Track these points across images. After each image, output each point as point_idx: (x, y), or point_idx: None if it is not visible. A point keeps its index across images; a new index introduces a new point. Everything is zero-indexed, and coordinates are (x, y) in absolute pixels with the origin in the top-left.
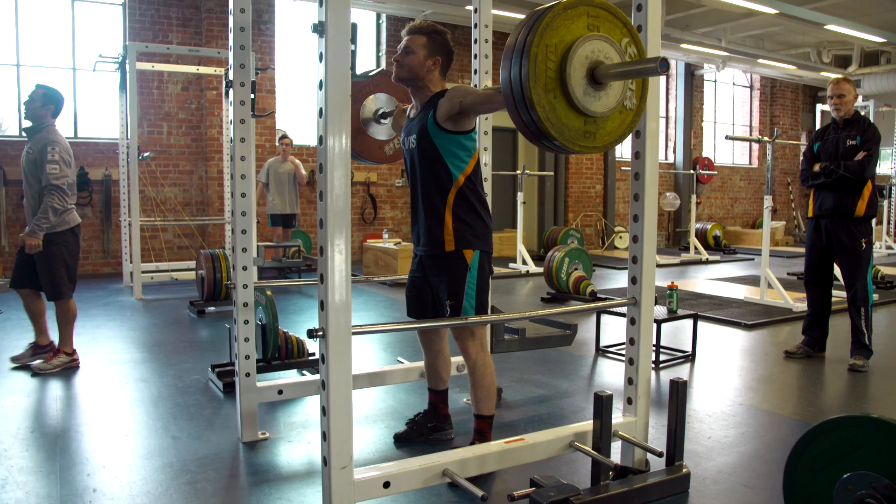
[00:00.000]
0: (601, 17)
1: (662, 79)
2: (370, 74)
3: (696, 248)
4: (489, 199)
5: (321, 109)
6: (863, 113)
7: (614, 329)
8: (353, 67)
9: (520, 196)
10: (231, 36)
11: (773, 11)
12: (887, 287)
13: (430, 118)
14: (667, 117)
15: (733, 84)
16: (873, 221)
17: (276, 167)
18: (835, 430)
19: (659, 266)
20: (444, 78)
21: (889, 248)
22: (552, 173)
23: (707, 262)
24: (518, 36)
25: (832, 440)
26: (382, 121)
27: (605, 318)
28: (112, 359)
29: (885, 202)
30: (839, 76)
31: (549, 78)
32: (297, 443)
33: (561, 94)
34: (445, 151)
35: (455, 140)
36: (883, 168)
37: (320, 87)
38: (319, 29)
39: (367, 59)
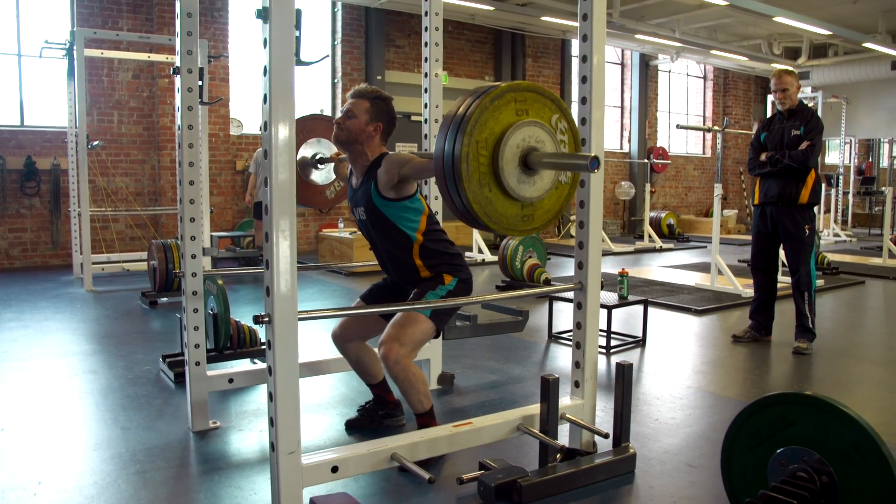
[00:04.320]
0: (528, 99)
1: (617, 69)
2: (315, 62)
3: (650, 236)
4: None
5: (265, 96)
6: (811, 104)
7: (567, 315)
8: (297, 54)
9: None
10: (178, 22)
11: (724, 3)
12: (833, 273)
13: (373, 191)
14: (622, 107)
15: (687, 74)
16: (816, 209)
17: (260, 155)
18: (768, 407)
19: (614, 254)
20: (385, 143)
21: (836, 235)
22: None
23: (661, 249)
24: (450, 123)
25: (766, 417)
26: (320, 165)
27: (558, 304)
28: (61, 351)
29: (833, 191)
30: (781, 69)
31: (483, 173)
32: (249, 431)
33: (496, 187)
34: (396, 218)
35: (401, 206)
36: (831, 158)
37: (265, 74)
38: (263, 14)
39: (323, 48)
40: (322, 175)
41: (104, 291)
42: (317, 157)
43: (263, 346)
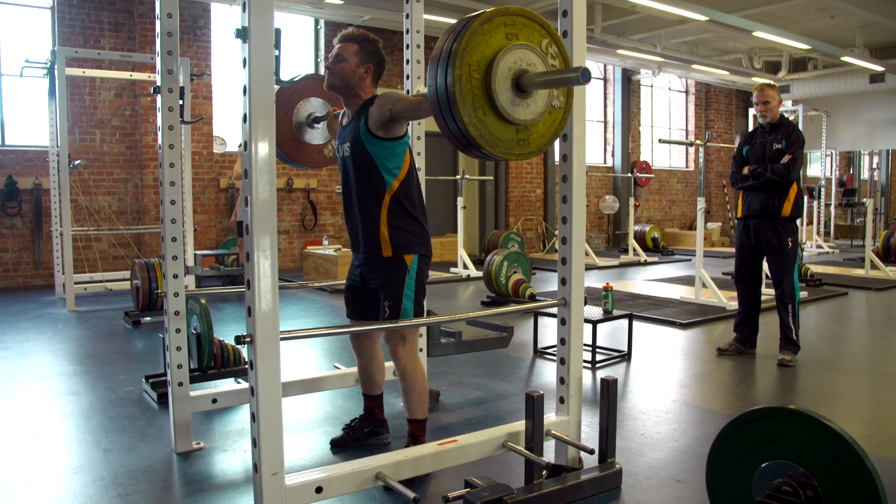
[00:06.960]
0: (518, 23)
1: (600, 84)
2: (295, 80)
3: (634, 249)
4: (427, 204)
5: (245, 115)
6: (792, 117)
7: (553, 330)
8: (277, 73)
9: (460, 201)
10: (158, 41)
11: (704, 18)
12: (817, 284)
13: (362, 126)
14: (605, 121)
15: (669, 89)
16: (799, 221)
17: None
18: (752, 421)
19: (599, 268)
20: (376, 86)
21: (819, 247)
22: (492, 178)
23: (646, 263)
24: (441, 52)
25: (750, 432)
26: (316, 125)
27: (543, 319)
28: (42, 372)
29: (815, 203)
30: (763, 83)
31: (476, 96)
32: (233, 451)
33: (490, 110)
34: (378, 159)
35: (387, 147)
36: (813, 170)
37: (244, 93)
38: (243, 34)
39: (307, 65)
40: (317, 134)
41: (87, 311)
42: (311, 117)
43: (247, 365)
